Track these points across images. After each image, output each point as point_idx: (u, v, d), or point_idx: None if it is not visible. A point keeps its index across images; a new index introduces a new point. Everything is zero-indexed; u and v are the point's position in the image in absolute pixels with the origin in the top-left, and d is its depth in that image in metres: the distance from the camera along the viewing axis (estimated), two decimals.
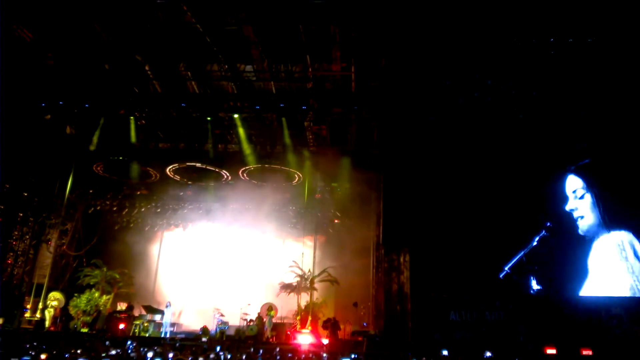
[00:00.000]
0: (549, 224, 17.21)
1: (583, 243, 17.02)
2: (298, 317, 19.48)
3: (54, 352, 11.14)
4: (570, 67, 17.77)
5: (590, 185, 17.48)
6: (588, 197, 17.42)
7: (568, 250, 17.01)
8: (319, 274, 21.12)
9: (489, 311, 16.43)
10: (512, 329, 15.97)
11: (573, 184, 17.64)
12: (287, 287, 20.95)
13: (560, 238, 17.05)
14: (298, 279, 21.01)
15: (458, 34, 17.33)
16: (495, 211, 17.50)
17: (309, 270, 21.17)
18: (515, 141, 18.25)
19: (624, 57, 17.42)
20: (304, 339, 16.86)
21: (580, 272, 16.78)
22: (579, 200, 17.42)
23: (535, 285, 16.74)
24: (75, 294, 20.13)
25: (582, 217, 17.18)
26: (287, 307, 20.39)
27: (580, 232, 17.05)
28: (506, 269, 16.90)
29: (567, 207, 17.41)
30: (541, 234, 17.11)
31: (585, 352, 14.50)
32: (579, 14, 16.28)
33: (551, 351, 14.55)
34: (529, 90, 18.13)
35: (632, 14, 16.10)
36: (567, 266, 16.88)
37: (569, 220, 17.32)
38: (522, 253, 17.00)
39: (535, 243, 17.05)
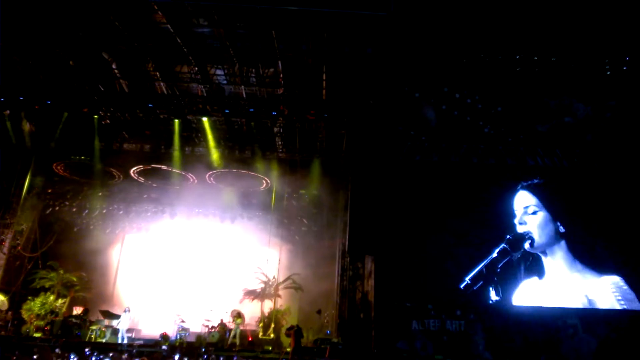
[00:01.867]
0: (509, 236, 17.63)
1: (536, 257, 17.53)
2: (261, 324, 19.29)
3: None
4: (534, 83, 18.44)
5: (544, 203, 18.03)
6: (540, 215, 17.95)
7: (524, 262, 17.49)
8: (284, 281, 21.01)
9: (450, 320, 16.66)
10: (472, 338, 16.24)
11: (525, 200, 18.16)
12: (251, 294, 20.74)
13: (517, 251, 17.51)
14: (262, 285, 20.84)
15: (428, 47, 17.69)
16: (459, 222, 17.84)
17: (274, 277, 21.04)
18: (481, 154, 18.72)
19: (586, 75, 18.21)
20: None
21: (535, 284, 17.28)
22: (530, 216, 17.93)
23: (493, 296, 17.09)
24: (29, 297, 19.34)
25: (529, 233, 17.67)
26: (250, 313, 20.15)
27: (527, 247, 17.53)
28: (467, 279, 17.19)
29: (516, 221, 17.90)
30: (501, 246, 17.51)
31: None
32: (544, 33, 16.91)
33: None
34: (494, 104, 18.64)
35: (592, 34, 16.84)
36: (523, 278, 17.35)
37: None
38: (482, 264, 17.35)
39: (495, 255, 17.43)
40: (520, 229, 17.68)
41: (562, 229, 17.60)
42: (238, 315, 18.70)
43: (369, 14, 14.90)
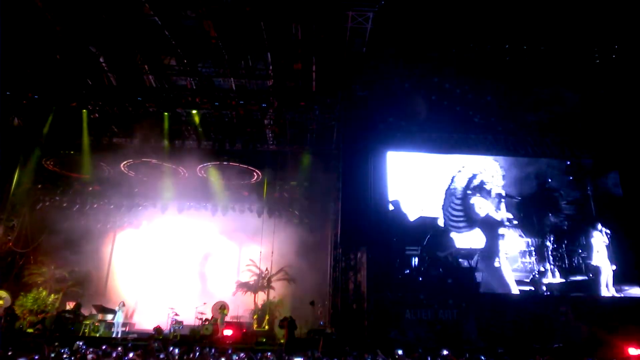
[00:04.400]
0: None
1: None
2: (255, 316, 19.34)
3: None
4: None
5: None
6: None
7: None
8: (276, 273, 21.07)
9: (443, 309, 16.77)
10: (465, 327, 16.38)
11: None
12: (244, 286, 20.77)
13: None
14: (255, 277, 20.87)
15: (418, 37, 17.64)
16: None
17: (266, 269, 21.07)
18: (471, 144, 18.80)
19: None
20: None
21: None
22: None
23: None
24: (22, 293, 19.25)
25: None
26: (244, 305, 20.20)
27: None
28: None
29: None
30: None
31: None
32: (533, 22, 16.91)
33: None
34: (484, 94, 18.65)
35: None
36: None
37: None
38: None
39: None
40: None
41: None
42: (223, 307, 18.68)
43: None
